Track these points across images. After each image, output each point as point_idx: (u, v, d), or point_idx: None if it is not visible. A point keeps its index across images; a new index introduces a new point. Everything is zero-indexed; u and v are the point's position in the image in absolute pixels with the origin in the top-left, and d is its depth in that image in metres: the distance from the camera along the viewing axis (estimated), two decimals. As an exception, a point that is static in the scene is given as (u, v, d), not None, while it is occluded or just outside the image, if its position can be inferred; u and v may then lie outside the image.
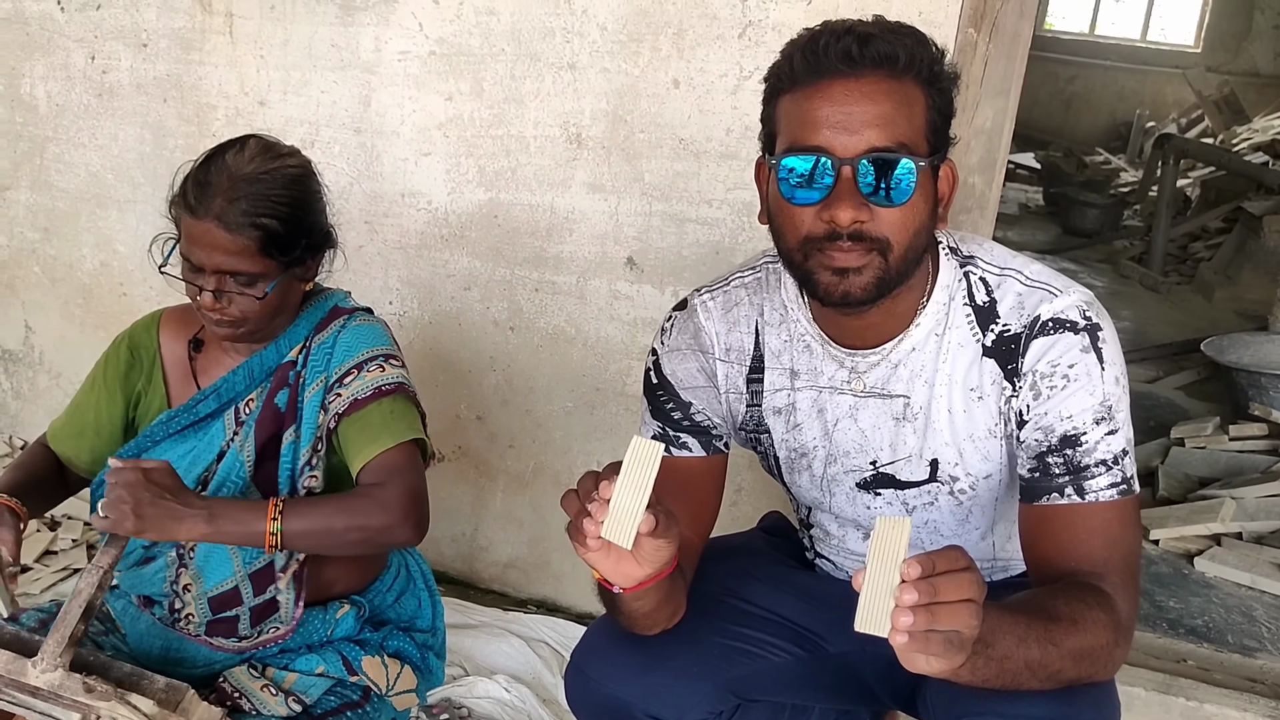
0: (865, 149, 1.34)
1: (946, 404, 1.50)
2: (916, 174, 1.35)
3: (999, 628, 1.23)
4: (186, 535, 1.62)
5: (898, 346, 1.50)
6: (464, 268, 2.59)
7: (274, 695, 1.81)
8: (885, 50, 1.33)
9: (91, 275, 2.99)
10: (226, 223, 1.68)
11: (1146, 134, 10.08)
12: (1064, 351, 1.41)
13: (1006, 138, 2.20)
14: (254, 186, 1.70)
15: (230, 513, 1.66)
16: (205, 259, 1.71)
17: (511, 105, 2.44)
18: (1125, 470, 1.40)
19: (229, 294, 1.73)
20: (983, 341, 1.47)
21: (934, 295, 1.49)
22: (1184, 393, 4.67)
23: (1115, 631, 1.33)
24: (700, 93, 2.29)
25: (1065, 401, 1.41)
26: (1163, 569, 3.04)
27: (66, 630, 1.55)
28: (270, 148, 1.78)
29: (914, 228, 1.38)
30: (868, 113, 1.34)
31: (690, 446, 1.65)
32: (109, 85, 2.78)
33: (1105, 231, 7.74)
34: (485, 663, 2.43)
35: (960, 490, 1.55)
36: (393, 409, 1.79)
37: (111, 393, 1.92)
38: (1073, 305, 1.43)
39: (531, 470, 2.70)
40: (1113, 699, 1.42)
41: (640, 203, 2.40)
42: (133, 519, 1.58)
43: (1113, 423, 1.40)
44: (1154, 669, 2.39)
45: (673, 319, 1.68)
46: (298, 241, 1.76)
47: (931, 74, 1.36)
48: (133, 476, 1.60)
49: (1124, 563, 1.39)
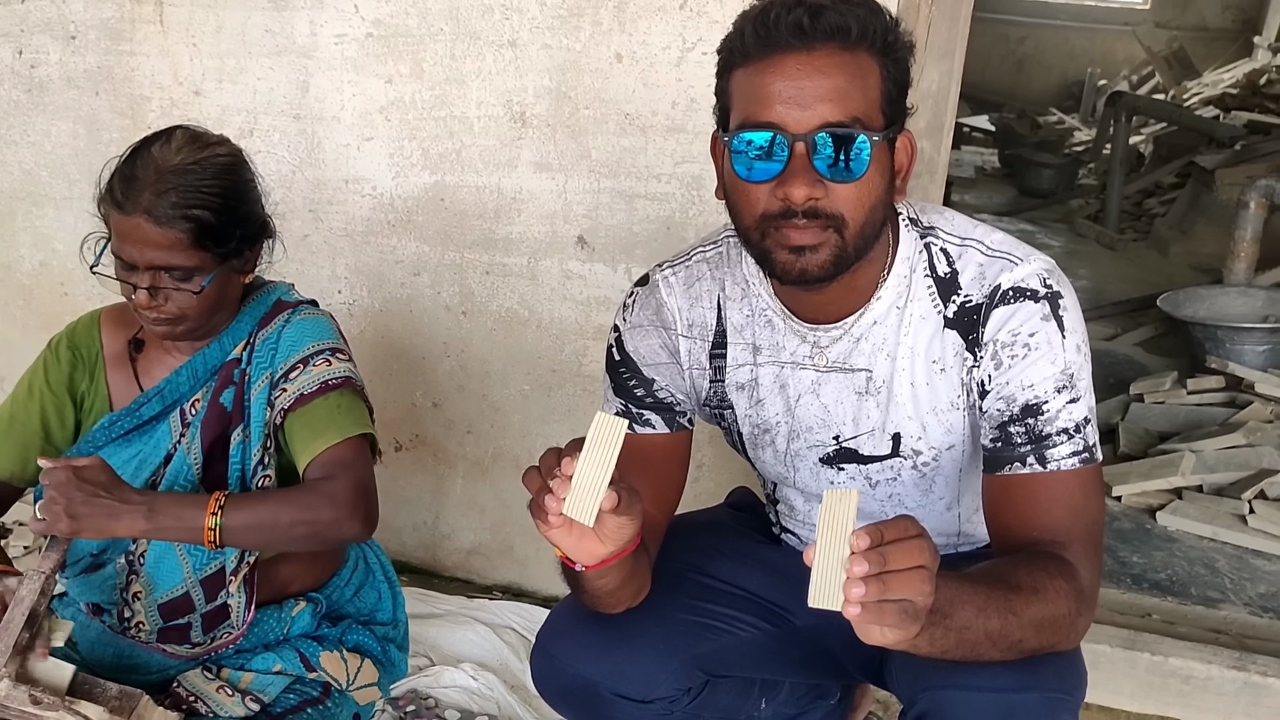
0: (819, 124, 1.31)
1: (909, 377, 1.49)
2: (871, 148, 1.32)
3: (956, 598, 1.21)
4: (126, 531, 1.58)
5: (859, 320, 1.49)
6: (412, 253, 2.55)
7: (230, 696, 1.78)
8: (837, 22, 1.30)
9: (31, 275, 2.93)
10: (156, 216, 1.64)
11: (1098, 92, 10.12)
12: (1025, 320, 1.41)
13: (953, 100, 2.19)
14: (183, 178, 1.66)
15: (170, 508, 1.62)
16: (137, 255, 1.67)
17: (453, 86, 2.40)
18: (1087, 438, 1.40)
19: (165, 290, 1.69)
20: (944, 313, 1.46)
21: (894, 268, 1.47)
22: (1142, 349, 4.70)
23: (1077, 600, 1.32)
24: (644, 66, 2.25)
25: (1026, 370, 1.40)
26: (1125, 524, 3.06)
27: (10, 639, 1.51)
28: (198, 138, 1.73)
29: (870, 203, 1.36)
30: (820, 87, 1.31)
31: (653, 423, 1.64)
32: (38, 80, 2.71)
33: (1060, 191, 7.77)
34: (451, 651, 2.41)
35: (923, 463, 1.55)
36: (339, 403, 1.76)
37: (58, 396, 1.87)
38: (1033, 274, 1.42)
39: (491, 455, 2.67)
40: (1077, 667, 1.42)
41: (588, 180, 2.37)
42: (66, 519, 1.54)
43: (1074, 391, 1.40)
44: (1118, 625, 2.41)
45: (634, 294, 1.66)
46: (232, 232, 1.72)
47: (885, 44, 1.34)
48: (63, 476, 1.56)
49: (1086, 531, 1.38)
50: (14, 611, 1.53)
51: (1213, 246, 5.75)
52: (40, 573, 1.56)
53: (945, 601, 1.18)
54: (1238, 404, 3.74)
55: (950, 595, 1.20)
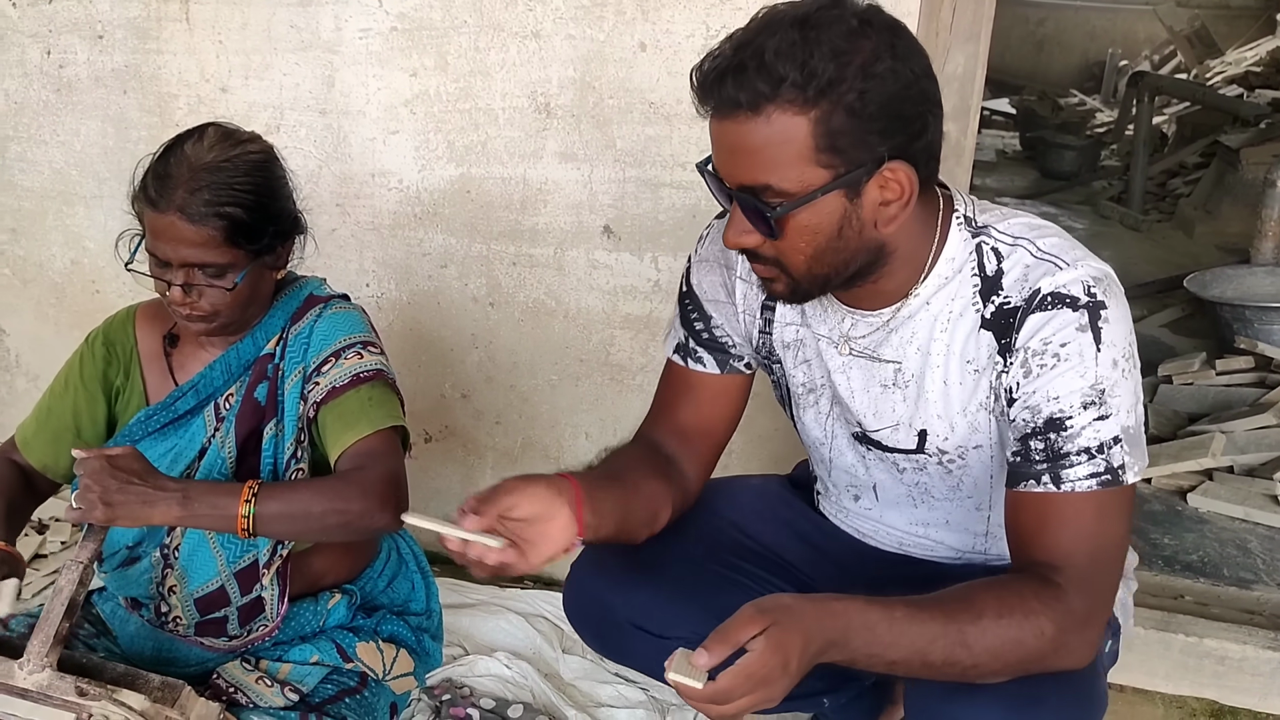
0: (737, 184, 1.35)
1: (942, 375, 1.48)
2: (791, 209, 1.32)
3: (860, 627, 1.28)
4: (161, 518, 1.59)
5: (895, 314, 1.48)
6: (439, 245, 2.56)
7: (269, 687, 1.80)
8: (733, 95, 1.29)
9: (63, 274, 2.95)
10: (189, 214, 1.65)
11: (1120, 73, 10.04)
12: (1059, 329, 1.35)
13: (979, 83, 2.18)
14: (215, 175, 1.67)
15: (205, 495, 1.63)
16: (171, 253, 1.68)
17: (477, 78, 2.40)
18: (1112, 459, 1.33)
19: (198, 287, 1.71)
20: (982, 313, 1.43)
21: (936, 267, 1.44)
22: (1169, 330, 4.66)
23: (1056, 627, 1.30)
24: (668, 54, 2.25)
25: (1053, 382, 1.35)
26: (1156, 507, 3.05)
27: (51, 629, 1.53)
28: (230, 135, 1.74)
29: (809, 252, 1.37)
30: (734, 152, 1.33)
31: (705, 362, 1.69)
32: (67, 80, 2.73)
33: (1083, 173, 7.71)
34: (484, 641, 2.42)
35: (949, 460, 1.54)
36: (371, 396, 1.77)
37: (91, 392, 1.89)
38: (1077, 280, 1.36)
39: (520, 446, 2.68)
40: (1086, 697, 1.40)
41: (614, 170, 2.37)
42: (102, 507, 1.55)
43: (1104, 408, 1.33)
44: (1152, 606, 2.40)
45: (711, 227, 1.69)
46: (264, 229, 1.73)
47: (819, 91, 1.26)
48: (98, 464, 1.58)
49: (1090, 557, 1.33)
50: (54, 602, 1.55)
51: (1239, 226, 5.70)
52: (78, 562, 1.58)
53: (839, 633, 1.27)
54: (1267, 384, 3.70)
55: (848, 625, 1.27)
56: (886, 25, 1.31)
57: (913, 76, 1.30)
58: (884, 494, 1.67)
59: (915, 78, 1.30)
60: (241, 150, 1.73)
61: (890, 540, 1.71)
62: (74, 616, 1.56)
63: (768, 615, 1.26)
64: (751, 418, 1.82)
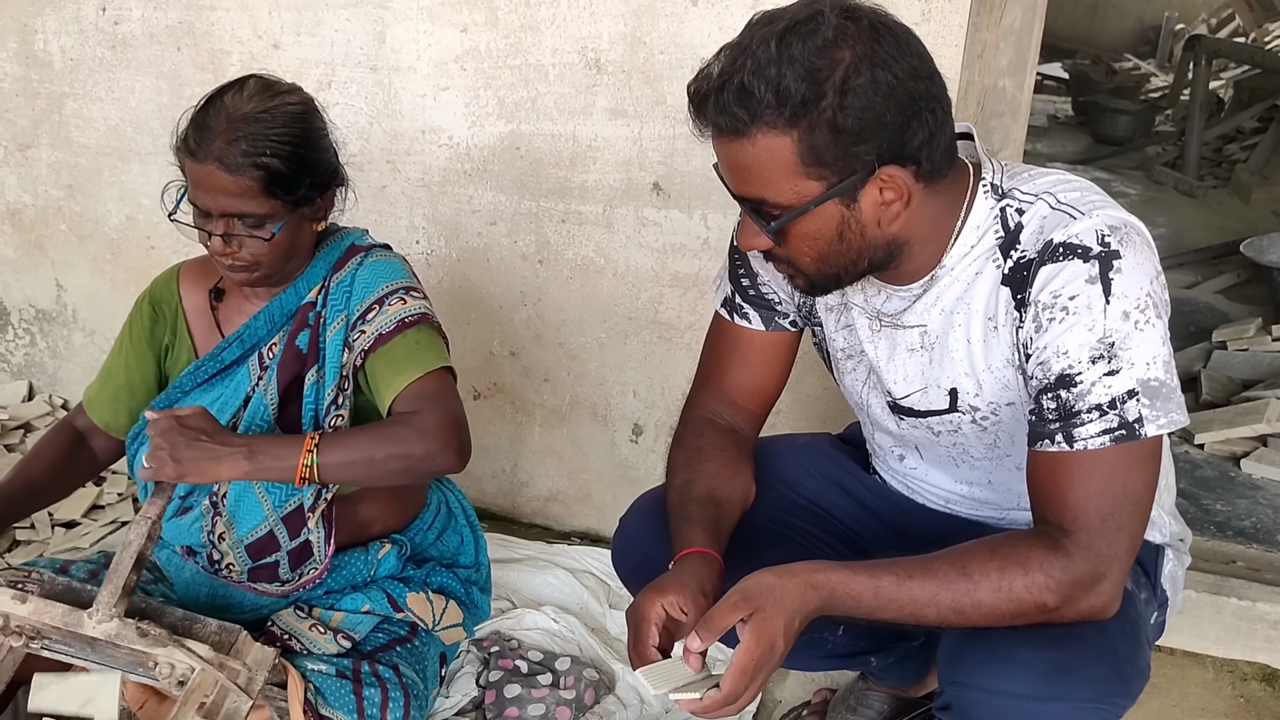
0: (739, 194, 1.38)
1: (965, 334, 1.47)
2: (786, 219, 1.35)
3: (849, 600, 1.34)
4: (229, 474, 1.63)
5: (925, 287, 1.48)
6: (489, 202, 2.57)
7: (323, 634, 1.83)
8: (721, 116, 1.31)
9: (118, 230, 2.99)
10: (227, 164, 1.67)
11: (1176, 36, 9.83)
12: (1068, 281, 1.32)
13: (1036, 37, 2.14)
14: (253, 126, 1.68)
15: (269, 448, 1.67)
16: (210, 202, 1.70)
17: (528, 33, 2.39)
18: (1126, 414, 1.30)
19: (238, 237, 1.73)
20: (1002, 268, 1.41)
21: (962, 236, 1.43)
22: (1224, 296, 4.59)
23: (1058, 586, 1.30)
24: (719, 9, 2.23)
25: (1062, 336, 1.32)
26: (1208, 472, 3.01)
27: (119, 581, 1.57)
28: (269, 86, 1.75)
29: (814, 255, 1.40)
30: (730, 168, 1.37)
31: (750, 318, 1.70)
32: (122, 36, 2.76)
33: (1137, 138, 7.58)
34: (532, 595, 2.44)
35: (982, 418, 1.53)
36: (418, 339, 1.79)
37: (140, 352, 1.93)
38: (1091, 229, 1.32)
39: (568, 403, 2.69)
40: (1122, 671, 1.37)
41: (664, 126, 2.36)
42: (172, 464, 1.60)
43: (1114, 362, 1.30)
44: (1204, 570, 2.37)
45: None
46: (301, 180, 1.74)
47: (797, 112, 1.27)
48: (167, 424, 1.62)
49: (1101, 515, 1.31)
50: (123, 555, 1.60)
51: (1297, 191, 5.60)
52: (146, 518, 1.63)
53: (823, 604, 1.33)
54: (1324, 351, 3.65)
55: (832, 595, 1.33)
56: (868, 29, 1.28)
57: (896, 81, 1.27)
58: (926, 455, 1.67)
59: (899, 82, 1.28)
60: (280, 101, 1.74)
61: (937, 499, 1.71)
62: (141, 570, 1.61)
63: (750, 601, 1.32)
64: (799, 377, 1.81)
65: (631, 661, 1.44)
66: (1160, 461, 1.36)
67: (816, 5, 1.29)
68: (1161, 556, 1.61)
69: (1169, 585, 1.61)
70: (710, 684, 1.34)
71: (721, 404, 1.74)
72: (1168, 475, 1.61)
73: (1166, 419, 1.31)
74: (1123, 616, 1.37)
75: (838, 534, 1.77)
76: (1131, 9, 10.94)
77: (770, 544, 1.70)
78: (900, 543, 1.67)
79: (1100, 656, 1.33)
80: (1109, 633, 1.36)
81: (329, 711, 1.69)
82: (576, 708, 2.07)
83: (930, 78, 1.32)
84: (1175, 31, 10.06)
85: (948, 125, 1.36)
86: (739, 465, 1.69)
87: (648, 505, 1.76)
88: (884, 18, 1.31)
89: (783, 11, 1.31)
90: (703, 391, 1.76)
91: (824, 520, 1.77)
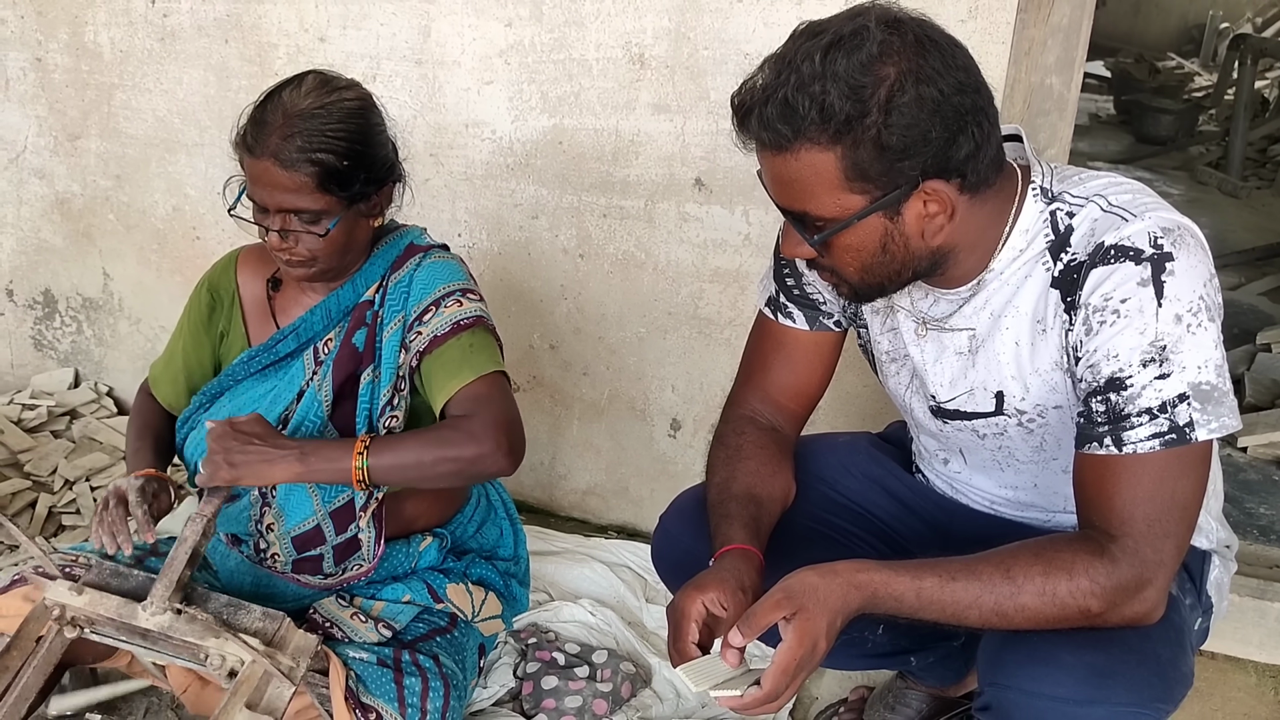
0: (781, 206, 1.38)
1: (1014, 336, 1.46)
2: (828, 232, 1.35)
3: (891, 601, 1.34)
4: (282, 476, 1.66)
5: (974, 294, 1.47)
6: (531, 196, 2.57)
7: (364, 622, 1.84)
8: (765, 131, 1.31)
9: (165, 220, 3.02)
10: (283, 160, 1.68)
11: (1220, 35, 9.72)
12: (1120, 283, 1.31)
13: (1085, 34, 2.12)
14: (309, 122, 1.69)
15: (321, 450, 1.68)
16: (267, 198, 1.72)
17: (572, 28, 2.40)
18: (1177, 418, 1.28)
19: (294, 233, 1.74)
20: (1051, 271, 1.40)
21: (1010, 240, 1.42)
22: (1268, 298, 4.54)
23: (1102, 591, 1.29)
24: (764, 5, 2.23)
25: (1113, 339, 1.31)
26: (1251, 476, 2.98)
27: (174, 575, 1.61)
28: (327, 82, 1.76)
29: (857, 266, 1.40)
30: (773, 181, 1.37)
31: (794, 318, 1.71)
32: (170, 29, 2.79)
33: (1180, 138, 7.50)
34: (569, 588, 2.46)
35: (1029, 420, 1.52)
36: (472, 343, 1.79)
37: (197, 337, 1.95)
38: (1143, 231, 1.31)
39: (606, 397, 2.70)
40: (1163, 675, 1.36)
41: (706, 122, 2.36)
42: (226, 468, 1.64)
43: (1165, 365, 1.28)
44: (1247, 575, 2.35)
45: None
46: (356, 176, 1.74)
47: (840, 130, 1.27)
48: (221, 429, 1.67)
49: (1148, 520, 1.30)
50: (178, 550, 1.64)
51: (1343, 193, 5.52)
52: (202, 516, 1.68)
53: (865, 604, 1.34)
54: (1371, 354, 3.60)
55: (874, 596, 1.34)
56: (913, 43, 1.27)
57: (941, 97, 1.27)
58: (971, 459, 1.66)
59: (945, 98, 1.27)
60: (337, 97, 1.75)
61: (981, 500, 1.70)
62: (195, 565, 1.65)
63: (793, 600, 1.32)
64: (840, 375, 1.81)
65: (671, 659, 1.43)
66: (1209, 466, 1.35)
67: (861, 18, 1.28)
68: (1208, 563, 1.59)
69: (1214, 592, 1.60)
70: (749, 680, 1.35)
71: (764, 403, 1.74)
72: (1215, 480, 1.59)
73: (1218, 423, 1.30)
74: (1166, 622, 1.36)
75: (879, 533, 1.77)
76: (1175, 7, 10.83)
77: (811, 543, 1.70)
78: (943, 543, 1.67)
79: (1142, 661, 1.33)
80: (1152, 638, 1.35)
81: (370, 699, 1.70)
82: (613, 700, 2.08)
83: (977, 90, 1.31)
84: (1220, 30, 9.95)
85: (994, 136, 1.35)
86: (779, 464, 1.69)
87: (687, 503, 1.76)
88: (929, 29, 1.30)
89: (827, 23, 1.30)
90: (745, 390, 1.76)
91: (865, 519, 1.77)
